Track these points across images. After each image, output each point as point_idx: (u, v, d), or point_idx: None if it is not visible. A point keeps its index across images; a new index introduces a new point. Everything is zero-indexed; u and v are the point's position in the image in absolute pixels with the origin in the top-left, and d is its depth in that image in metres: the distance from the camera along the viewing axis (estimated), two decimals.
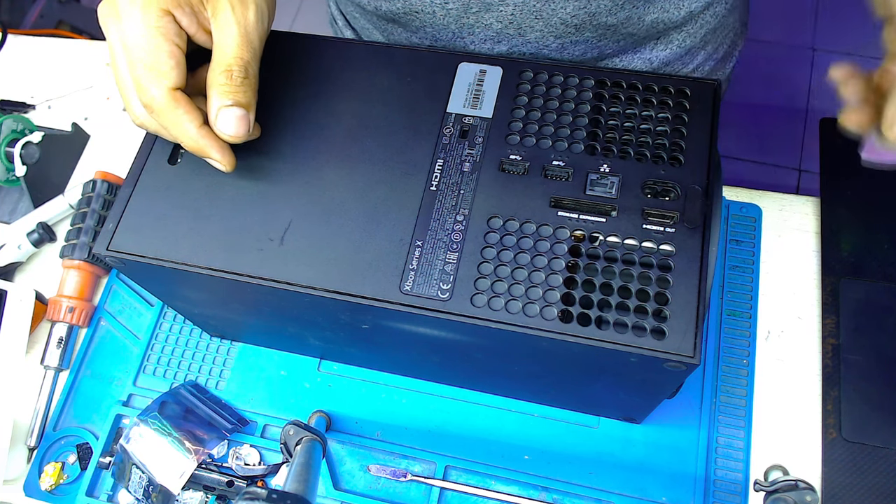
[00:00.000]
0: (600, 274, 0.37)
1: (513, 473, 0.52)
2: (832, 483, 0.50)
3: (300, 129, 0.43)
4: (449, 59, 0.44)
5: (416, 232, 0.40)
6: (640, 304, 0.36)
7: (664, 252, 0.37)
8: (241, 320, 0.52)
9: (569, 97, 0.42)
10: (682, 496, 0.50)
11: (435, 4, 0.55)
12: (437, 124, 0.42)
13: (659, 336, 0.36)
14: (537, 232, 0.38)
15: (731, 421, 0.52)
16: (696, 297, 0.36)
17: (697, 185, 0.38)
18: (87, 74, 0.74)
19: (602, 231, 0.38)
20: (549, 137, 0.41)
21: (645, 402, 0.47)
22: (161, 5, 0.38)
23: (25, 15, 1.50)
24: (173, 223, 0.42)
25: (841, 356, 0.53)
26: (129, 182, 0.43)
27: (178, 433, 0.52)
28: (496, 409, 0.54)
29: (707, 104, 0.40)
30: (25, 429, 0.58)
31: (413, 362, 0.52)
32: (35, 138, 0.67)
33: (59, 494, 0.55)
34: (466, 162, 0.41)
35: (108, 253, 0.42)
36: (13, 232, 0.63)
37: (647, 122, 0.40)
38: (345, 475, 0.53)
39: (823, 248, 0.56)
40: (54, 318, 0.59)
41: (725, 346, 0.54)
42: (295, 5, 1.75)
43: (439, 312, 0.38)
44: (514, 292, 0.37)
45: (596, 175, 0.39)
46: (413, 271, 0.39)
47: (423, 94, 0.43)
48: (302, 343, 0.54)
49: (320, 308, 0.42)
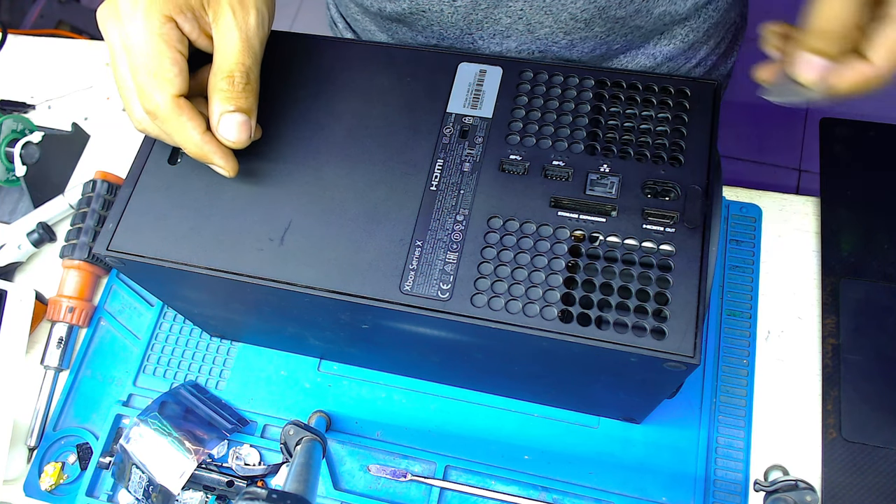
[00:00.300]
0: (600, 274, 0.37)
1: (513, 473, 0.52)
2: (832, 483, 0.50)
3: (300, 129, 0.43)
4: (449, 59, 0.44)
5: (416, 232, 0.40)
6: (640, 304, 0.36)
7: (664, 252, 0.37)
8: (240, 320, 0.52)
9: (569, 97, 0.42)
10: (682, 496, 0.50)
11: (443, 3, 0.55)
12: (437, 124, 0.42)
13: (659, 336, 0.36)
14: (537, 232, 0.38)
15: (731, 421, 0.52)
16: (696, 297, 0.36)
17: (697, 185, 0.38)
18: (87, 74, 0.74)
19: (602, 231, 0.38)
20: (549, 137, 0.41)
21: (645, 402, 0.47)
22: (164, 11, 0.38)
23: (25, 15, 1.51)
24: (173, 223, 0.42)
25: (841, 356, 0.53)
26: (129, 182, 0.43)
27: (178, 433, 0.52)
28: (496, 409, 0.54)
29: (707, 104, 0.40)
30: (25, 429, 0.58)
31: (413, 362, 0.52)
32: (35, 138, 0.67)
33: (59, 494, 0.55)
34: (466, 162, 0.41)
35: (107, 253, 0.41)
36: (13, 232, 0.63)
37: (647, 122, 0.40)
38: (345, 475, 0.53)
39: (823, 248, 0.56)
40: (54, 318, 0.59)
41: (725, 346, 0.54)
42: (295, 5, 1.75)
43: (439, 312, 0.38)
44: (514, 292, 0.37)
45: (596, 175, 0.39)
46: (413, 271, 0.39)
47: (423, 94, 0.43)
48: (302, 343, 0.54)
49: (320, 308, 0.42)
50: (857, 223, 0.57)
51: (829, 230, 0.57)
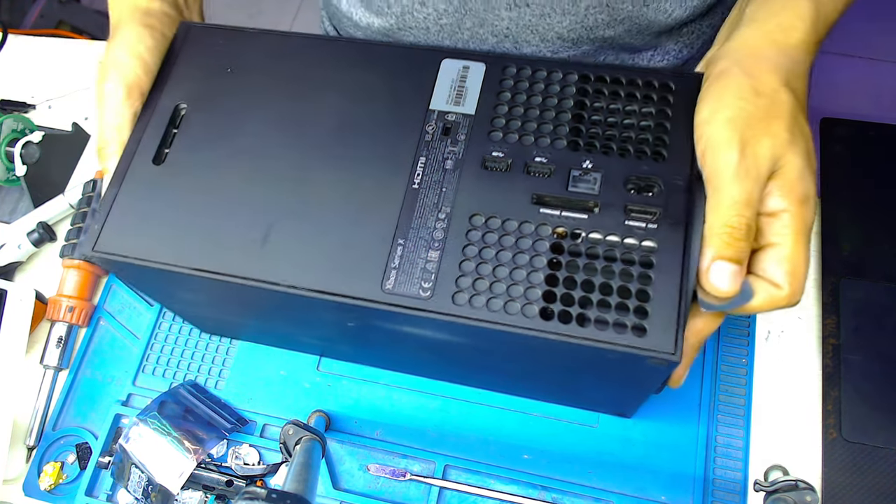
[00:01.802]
0: (582, 271, 0.37)
1: (512, 473, 0.52)
2: (832, 483, 0.50)
3: (283, 127, 0.43)
4: (432, 55, 0.44)
5: (398, 230, 0.39)
6: (622, 301, 0.36)
7: (646, 248, 0.37)
8: (230, 319, 0.52)
9: (552, 92, 0.41)
10: (681, 495, 0.50)
11: (428, 20, 0.55)
12: (420, 121, 0.42)
13: (640, 333, 0.35)
14: (519, 229, 0.38)
15: (730, 420, 0.52)
16: (677, 293, 0.36)
17: (680, 180, 0.38)
18: (87, 74, 0.74)
19: (584, 228, 0.38)
20: (531, 134, 0.40)
21: (632, 398, 0.47)
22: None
23: (25, 15, 1.51)
24: (158, 223, 0.42)
25: (841, 356, 0.53)
26: (114, 182, 0.43)
27: (178, 433, 0.52)
28: (496, 409, 0.54)
29: (691, 98, 0.39)
30: (25, 428, 0.58)
31: (403, 359, 0.52)
32: (35, 138, 0.67)
33: (59, 494, 0.55)
34: (449, 159, 0.41)
35: (93, 254, 0.41)
36: (13, 232, 0.63)
37: (631, 117, 0.40)
38: (344, 475, 0.53)
39: (823, 248, 0.56)
40: (54, 318, 0.59)
41: (725, 346, 0.54)
42: (295, 5, 1.75)
43: (421, 311, 0.37)
44: (496, 290, 0.37)
45: (578, 171, 0.39)
46: (395, 270, 0.39)
47: (406, 90, 0.43)
48: (294, 340, 0.54)
49: (305, 307, 0.42)
50: (857, 223, 0.57)
51: (829, 230, 0.57)
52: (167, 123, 0.44)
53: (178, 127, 0.44)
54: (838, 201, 0.58)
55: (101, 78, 0.44)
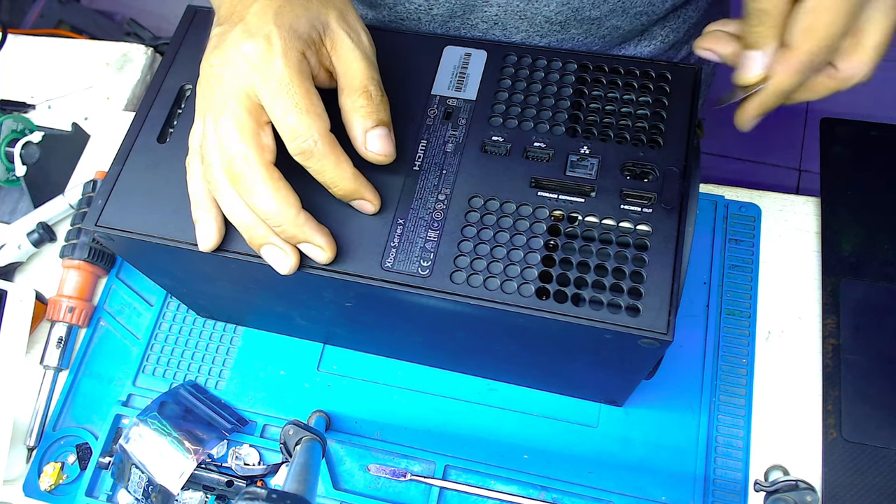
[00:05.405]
0: (578, 253, 0.38)
1: (512, 473, 0.52)
2: (832, 483, 0.50)
3: None
4: (435, 42, 0.45)
5: (398, 210, 0.40)
6: (616, 282, 0.37)
7: (641, 232, 0.38)
8: (228, 298, 0.52)
9: (552, 80, 0.42)
10: (681, 496, 0.50)
11: (420, 11, 0.56)
12: (422, 106, 0.43)
13: (633, 313, 0.36)
14: (517, 211, 0.39)
15: (730, 420, 0.52)
16: (670, 275, 0.37)
17: (675, 167, 0.39)
18: (87, 74, 0.74)
19: (581, 211, 0.39)
20: (531, 119, 0.42)
21: (623, 382, 0.47)
22: (299, 48, 0.37)
23: (25, 15, 1.50)
24: (161, 200, 0.42)
25: (841, 356, 0.53)
26: (118, 159, 0.44)
27: (178, 433, 0.52)
28: (496, 409, 0.54)
29: (687, 88, 0.41)
30: (25, 429, 0.58)
31: (398, 343, 0.52)
32: (35, 138, 0.67)
33: (59, 494, 0.55)
34: (449, 143, 0.42)
35: (96, 229, 0.42)
36: (13, 232, 0.63)
37: (628, 106, 0.41)
38: (344, 475, 0.53)
39: (824, 248, 0.56)
40: (54, 318, 0.59)
41: (725, 346, 0.54)
42: None
43: (419, 289, 0.38)
44: (493, 269, 0.38)
45: (576, 157, 0.40)
46: (394, 248, 0.39)
47: (409, 76, 0.44)
48: (290, 323, 0.54)
49: (304, 285, 0.42)
50: (857, 223, 0.57)
51: (829, 230, 0.57)
52: (172, 103, 0.45)
53: (182, 107, 0.45)
54: (838, 201, 0.58)
55: None
